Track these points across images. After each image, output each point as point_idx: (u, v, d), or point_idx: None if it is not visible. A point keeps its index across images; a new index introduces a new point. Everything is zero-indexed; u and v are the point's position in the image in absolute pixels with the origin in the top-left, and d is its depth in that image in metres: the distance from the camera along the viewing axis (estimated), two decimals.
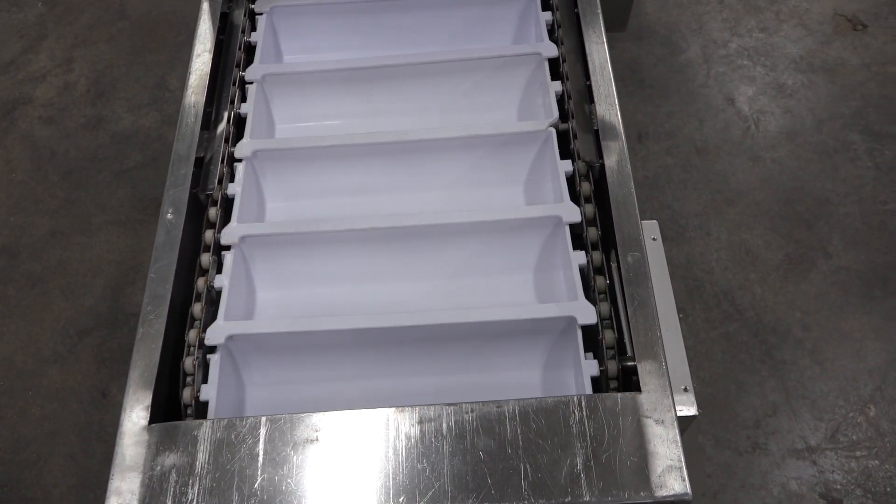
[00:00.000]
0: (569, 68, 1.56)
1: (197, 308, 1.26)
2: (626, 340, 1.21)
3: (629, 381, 1.16)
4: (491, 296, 1.40)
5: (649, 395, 1.09)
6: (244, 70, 1.58)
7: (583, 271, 1.28)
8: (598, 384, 1.17)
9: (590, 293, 1.26)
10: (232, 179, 1.44)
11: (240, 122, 1.51)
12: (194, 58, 1.58)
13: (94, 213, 2.33)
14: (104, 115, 2.57)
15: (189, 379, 1.19)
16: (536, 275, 1.42)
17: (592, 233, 1.33)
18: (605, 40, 1.57)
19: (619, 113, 1.45)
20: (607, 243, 1.34)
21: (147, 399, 1.14)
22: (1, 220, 2.34)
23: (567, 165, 1.40)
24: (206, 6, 1.67)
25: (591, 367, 1.16)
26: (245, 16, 1.70)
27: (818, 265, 2.10)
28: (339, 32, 1.73)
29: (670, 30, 2.65)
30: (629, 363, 1.15)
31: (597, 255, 1.30)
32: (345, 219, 1.39)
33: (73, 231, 2.30)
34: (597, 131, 1.45)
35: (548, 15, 1.65)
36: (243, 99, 1.56)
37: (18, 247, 2.28)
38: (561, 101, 1.51)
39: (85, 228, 2.30)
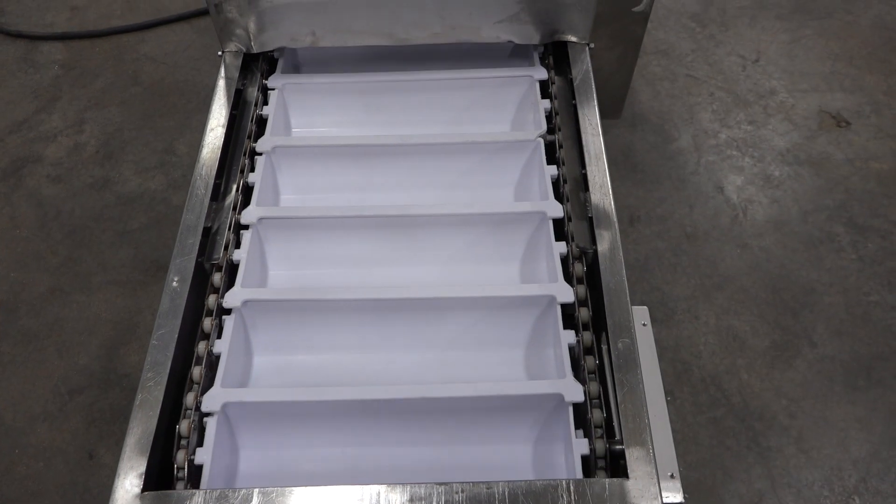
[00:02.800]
0: (565, 154, 1.64)
1: (196, 372, 1.29)
2: (615, 423, 1.24)
3: (617, 465, 1.19)
4: (483, 369, 1.43)
5: (636, 482, 1.12)
6: (255, 141, 1.66)
7: (574, 351, 1.33)
8: (587, 462, 1.21)
9: (580, 373, 1.30)
10: (238, 246, 1.49)
11: (247, 191, 1.58)
12: (207, 132, 1.65)
13: (94, 272, 2.37)
14: (111, 177, 2.63)
15: (184, 442, 1.21)
16: (528, 351, 1.46)
17: (584, 313, 1.38)
18: (600, 132, 1.65)
19: (612, 202, 1.52)
20: (598, 325, 1.39)
21: (141, 466, 1.15)
22: (2, 276, 2.37)
23: (562, 247, 1.46)
24: (221, 83, 1.75)
25: (581, 445, 1.21)
26: (258, 90, 1.78)
27: (803, 353, 2.14)
28: (346, 110, 1.81)
29: (663, 119, 2.76)
30: (617, 447, 1.18)
31: (587, 336, 1.35)
32: (344, 289, 1.45)
33: (72, 289, 2.33)
34: (591, 218, 1.52)
35: (546, 103, 1.73)
36: (252, 169, 1.62)
37: (17, 302, 2.30)
38: (557, 184, 1.59)
39: (85, 287, 2.33)
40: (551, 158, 1.64)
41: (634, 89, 2.84)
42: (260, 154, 1.64)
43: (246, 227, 1.51)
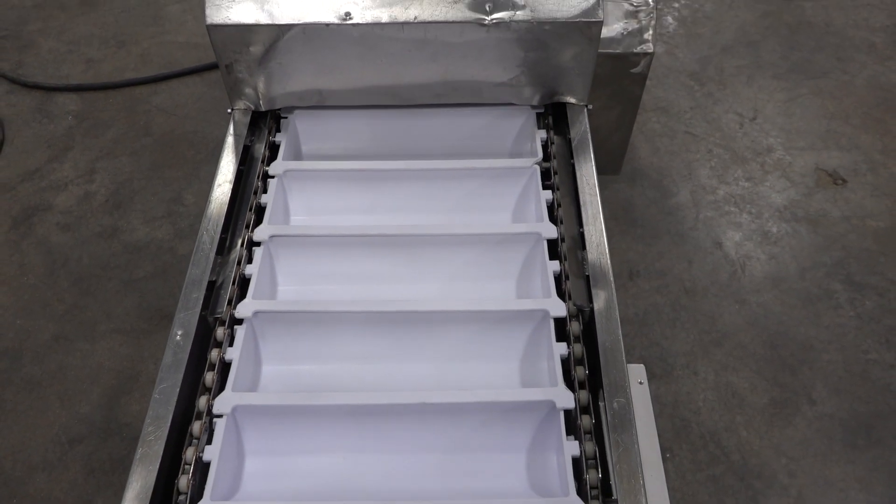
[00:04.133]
0: (563, 213, 1.67)
1: (197, 426, 1.31)
2: (612, 482, 1.25)
3: None
4: (480, 379, 1.51)
5: None
6: (255, 232, 1.64)
7: (570, 413, 1.35)
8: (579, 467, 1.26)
9: (578, 433, 1.32)
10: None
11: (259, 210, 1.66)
12: (215, 187, 1.69)
13: (99, 321, 2.39)
14: (120, 226, 2.68)
15: (182, 498, 1.23)
16: (523, 363, 1.53)
17: (580, 372, 1.40)
18: (597, 192, 1.69)
19: (609, 261, 1.55)
20: (595, 383, 1.40)
21: None
22: (7, 323, 2.39)
23: (555, 265, 1.54)
24: (230, 140, 1.80)
25: (572, 448, 1.26)
26: (266, 147, 1.83)
27: (802, 411, 2.14)
28: (346, 195, 1.82)
29: (662, 174, 2.81)
30: None
31: (583, 394, 1.36)
32: (349, 302, 1.54)
33: (76, 337, 2.35)
34: (588, 277, 1.54)
35: (548, 194, 1.73)
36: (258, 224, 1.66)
37: (22, 350, 2.32)
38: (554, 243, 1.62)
39: (89, 335, 2.35)
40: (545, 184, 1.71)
41: (634, 145, 2.90)
42: (258, 244, 1.63)
43: (258, 243, 1.59)
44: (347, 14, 1.68)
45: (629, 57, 2.21)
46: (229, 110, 1.87)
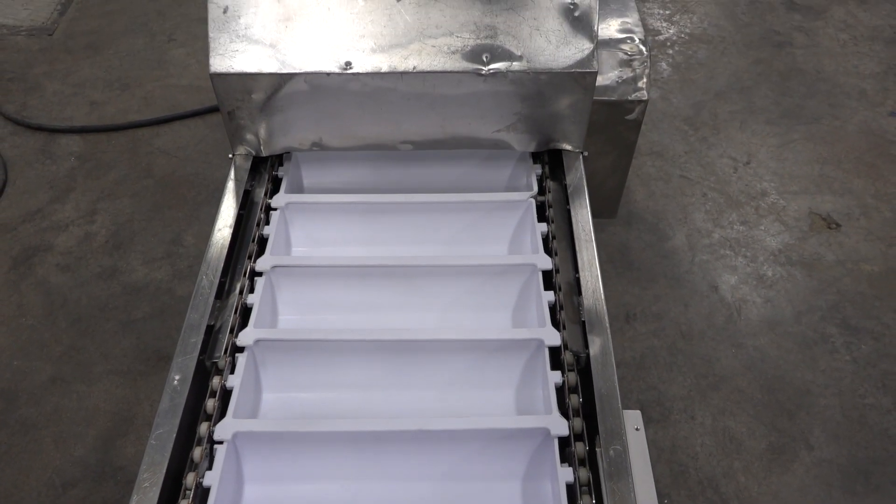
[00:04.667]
0: (559, 258, 1.69)
1: (190, 478, 1.31)
2: None
3: None
4: (476, 406, 1.52)
5: None
6: (257, 262, 1.68)
7: (569, 486, 1.35)
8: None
9: (572, 460, 1.35)
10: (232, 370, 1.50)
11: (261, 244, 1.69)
12: (215, 231, 1.71)
13: (96, 362, 2.39)
14: (119, 266, 2.69)
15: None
16: (518, 391, 1.56)
17: (577, 423, 1.40)
18: (593, 238, 1.71)
19: (605, 307, 1.56)
20: (591, 430, 1.41)
21: None
22: (4, 364, 2.39)
23: (549, 296, 1.58)
24: (231, 185, 1.83)
25: (566, 474, 1.29)
26: (266, 194, 1.86)
27: (801, 456, 2.13)
28: (346, 228, 1.86)
29: (657, 218, 2.83)
30: None
31: (583, 473, 1.35)
32: (349, 331, 1.54)
33: (73, 378, 2.35)
34: (584, 322, 1.56)
35: (543, 226, 1.77)
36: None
37: (18, 391, 2.32)
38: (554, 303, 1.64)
39: (85, 377, 2.35)
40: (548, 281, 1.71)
41: (630, 189, 2.93)
42: (260, 274, 1.67)
43: (260, 274, 1.63)
44: (348, 63, 1.72)
45: (624, 104, 2.25)
46: (230, 155, 1.90)
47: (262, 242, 1.72)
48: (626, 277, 2.63)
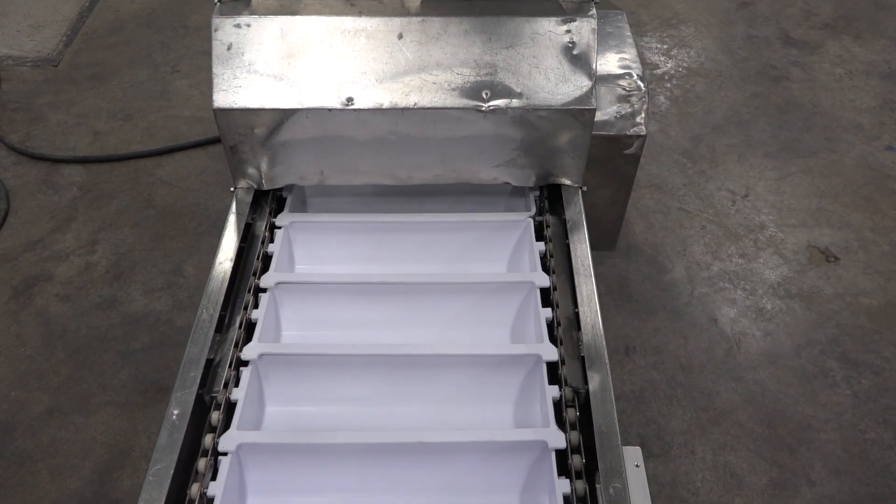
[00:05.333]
0: (558, 293, 1.70)
1: (194, 489, 1.32)
2: None
3: None
4: (475, 420, 1.56)
5: None
6: (259, 278, 1.72)
7: (567, 498, 1.35)
8: None
9: (569, 472, 1.37)
10: (237, 384, 1.52)
11: (250, 328, 1.64)
12: (216, 265, 1.72)
13: (94, 393, 2.39)
14: (119, 297, 2.70)
15: None
16: (516, 405, 1.58)
17: (577, 461, 1.40)
18: (592, 273, 1.72)
19: (604, 343, 1.56)
20: (591, 467, 1.40)
21: None
22: (2, 395, 2.38)
23: (547, 312, 1.62)
24: (232, 219, 1.84)
25: (563, 486, 1.32)
26: (266, 227, 1.87)
27: (802, 492, 2.12)
28: (349, 246, 1.89)
29: (656, 250, 2.85)
30: None
31: (580, 485, 1.36)
32: (351, 345, 1.59)
33: (70, 410, 2.34)
34: (583, 358, 1.56)
35: (541, 245, 1.81)
36: (256, 305, 1.69)
37: (14, 423, 2.31)
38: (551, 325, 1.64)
39: (83, 408, 2.34)
40: (545, 299, 1.71)
41: (629, 221, 2.95)
42: (264, 290, 1.70)
43: (246, 362, 1.57)
44: (350, 99, 1.74)
45: (622, 139, 2.28)
46: (232, 189, 1.92)
47: (266, 260, 1.77)
48: (625, 310, 2.63)
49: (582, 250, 1.77)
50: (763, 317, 2.61)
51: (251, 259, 1.79)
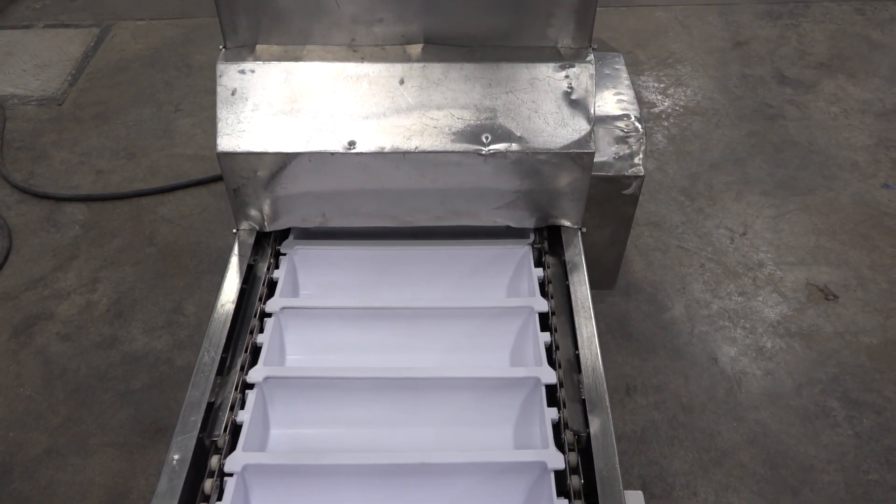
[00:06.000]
0: (559, 337, 1.71)
1: (208, 484, 1.34)
2: None
3: None
4: (476, 441, 1.60)
5: None
6: (266, 304, 1.77)
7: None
8: None
9: (568, 493, 1.40)
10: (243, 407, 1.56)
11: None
12: (218, 307, 1.73)
13: (93, 434, 2.37)
14: (119, 336, 2.70)
15: None
16: (516, 427, 1.62)
17: (575, 481, 1.42)
18: (592, 315, 1.72)
19: (605, 386, 1.56)
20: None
21: None
22: (0, 436, 2.37)
23: (546, 336, 1.67)
24: (234, 260, 1.85)
25: None
26: (268, 267, 1.88)
27: None
28: (346, 330, 1.88)
29: (656, 288, 2.85)
30: None
31: (573, 456, 1.45)
32: (354, 369, 1.63)
33: (69, 451, 2.32)
34: (584, 401, 1.56)
35: (539, 271, 1.84)
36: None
37: (12, 464, 2.29)
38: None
39: (81, 449, 2.33)
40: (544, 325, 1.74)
41: (628, 259, 2.96)
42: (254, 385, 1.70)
43: (269, 315, 1.72)
44: (352, 143, 1.77)
45: (621, 179, 2.30)
46: (234, 230, 1.93)
47: (272, 286, 1.83)
48: (625, 349, 2.63)
49: (582, 292, 1.78)
50: (763, 355, 2.61)
51: (252, 301, 1.79)
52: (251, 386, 1.59)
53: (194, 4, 4.70)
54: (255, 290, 1.82)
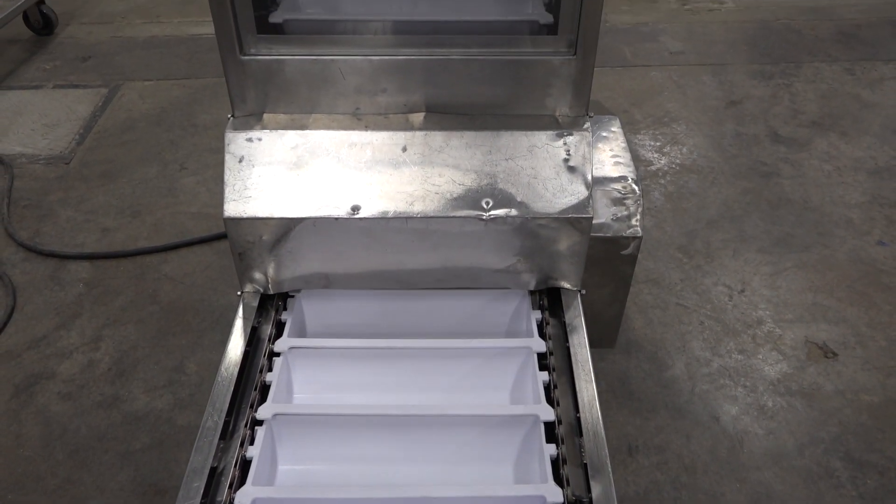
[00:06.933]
0: (560, 397, 1.72)
1: None
2: None
3: None
4: (476, 478, 1.70)
5: None
6: (257, 411, 1.76)
7: None
8: None
9: None
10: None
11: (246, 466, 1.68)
12: (221, 370, 1.75)
13: (91, 496, 2.36)
14: (120, 395, 2.70)
15: None
16: (516, 464, 1.71)
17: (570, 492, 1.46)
18: (592, 378, 1.74)
19: (606, 451, 1.57)
20: None
21: None
22: None
23: (544, 376, 1.77)
24: (238, 323, 1.88)
25: None
26: (272, 327, 1.91)
27: None
28: (350, 374, 1.92)
29: (656, 346, 2.87)
30: None
31: (570, 490, 1.50)
32: (360, 406, 1.75)
33: None
34: (585, 465, 1.56)
35: (545, 375, 1.84)
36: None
37: None
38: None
39: None
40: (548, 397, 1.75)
41: (628, 316, 2.98)
42: (261, 423, 1.75)
43: (277, 354, 1.83)
44: (355, 208, 1.81)
45: (619, 240, 2.34)
46: (239, 293, 1.96)
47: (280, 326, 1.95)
48: (627, 408, 2.63)
49: (582, 354, 1.80)
50: (765, 414, 2.61)
51: (256, 364, 1.81)
52: (260, 422, 1.67)
53: (201, 65, 4.83)
54: (259, 351, 1.84)
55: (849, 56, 4.79)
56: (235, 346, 1.81)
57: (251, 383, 1.75)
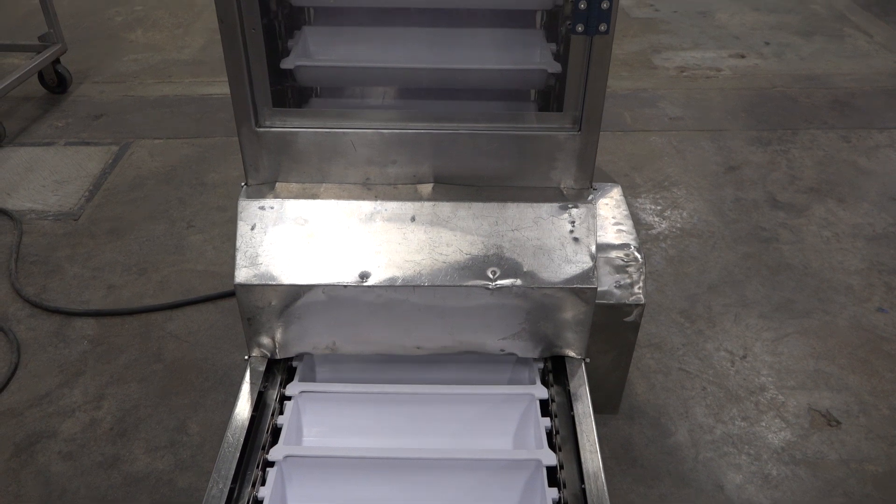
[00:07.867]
0: (564, 466, 1.72)
1: None
2: None
3: None
4: None
5: None
6: (287, 388, 1.92)
7: None
8: None
9: None
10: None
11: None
12: (227, 436, 1.75)
13: None
14: (121, 455, 2.68)
15: None
16: None
17: None
18: (598, 449, 1.75)
19: None
20: None
21: None
22: None
23: (546, 422, 1.82)
24: (245, 388, 1.89)
25: None
26: (278, 393, 1.92)
27: None
28: (357, 419, 1.94)
29: (659, 412, 2.86)
30: None
31: None
32: (367, 448, 1.79)
33: None
34: None
35: (546, 421, 1.85)
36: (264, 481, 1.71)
37: None
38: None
39: None
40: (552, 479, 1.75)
41: (631, 381, 2.98)
42: (272, 464, 1.75)
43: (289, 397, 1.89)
44: (364, 276, 1.84)
45: (622, 307, 2.36)
46: (246, 357, 1.98)
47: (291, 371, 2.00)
48: (630, 475, 2.61)
49: (587, 424, 1.81)
50: (769, 483, 2.59)
51: (262, 429, 1.82)
52: (271, 464, 1.71)
53: (210, 124, 4.93)
54: (265, 416, 1.85)
55: (844, 124, 4.90)
56: (242, 412, 1.82)
57: (257, 448, 1.76)
